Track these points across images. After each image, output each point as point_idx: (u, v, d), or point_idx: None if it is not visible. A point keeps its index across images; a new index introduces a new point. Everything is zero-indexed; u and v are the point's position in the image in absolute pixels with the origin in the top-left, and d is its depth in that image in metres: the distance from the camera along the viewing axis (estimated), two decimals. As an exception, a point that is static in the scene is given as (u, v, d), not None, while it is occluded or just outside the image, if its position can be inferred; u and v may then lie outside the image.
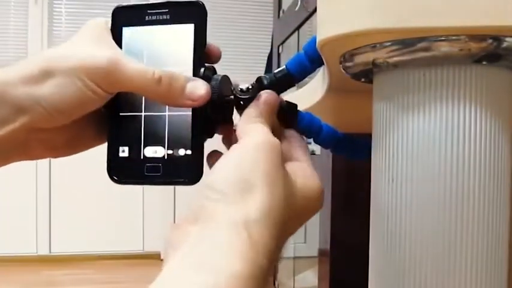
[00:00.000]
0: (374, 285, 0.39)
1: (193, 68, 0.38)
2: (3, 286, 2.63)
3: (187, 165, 0.38)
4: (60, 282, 2.81)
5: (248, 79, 0.41)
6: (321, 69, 0.48)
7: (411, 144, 0.34)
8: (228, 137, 0.40)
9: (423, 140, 0.34)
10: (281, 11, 2.26)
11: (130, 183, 0.39)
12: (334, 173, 1.34)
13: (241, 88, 0.39)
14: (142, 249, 3.26)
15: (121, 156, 0.39)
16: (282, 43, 2.22)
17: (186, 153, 0.38)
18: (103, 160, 0.39)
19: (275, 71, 0.41)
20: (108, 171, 0.39)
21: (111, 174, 0.39)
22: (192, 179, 0.38)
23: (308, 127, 0.41)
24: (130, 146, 0.39)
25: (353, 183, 1.32)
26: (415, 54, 0.33)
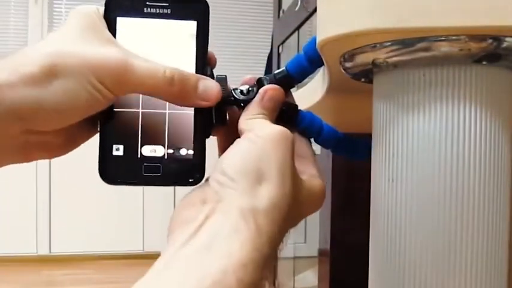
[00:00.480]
0: (374, 285, 0.39)
1: (196, 67, 0.37)
2: (3, 286, 2.63)
3: (189, 165, 0.37)
4: (60, 282, 2.81)
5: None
6: (321, 69, 0.48)
7: (411, 144, 0.34)
8: (222, 138, 0.40)
9: (423, 140, 0.34)
10: (281, 11, 2.26)
11: (125, 183, 0.37)
12: (334, 173, 1.34)
13: (241, 90, 0.39)
14: (142, 249, 3.26)
15: (115, 155, 0.37)
16: (282, 43, 2.22)
17: (188, 153, 0.37)
18: (103, 160, 0.38)
19: (275, 72, 0.41)
20: (99, 170, 0.37)
21: (102, 173, 0.37)
22: (194, 180, 0.37)
23: (309, 127, 0.41)
24: (125, 145, 0.37)
25: (353, 183, 1.32)
26: (415, 54, 0.33)
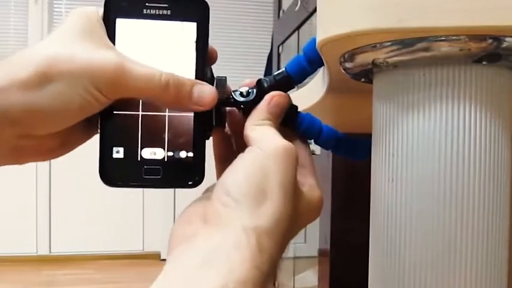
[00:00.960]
0: (374, 285, 0.39)
1: (196, 69, 0.37)
2: (3, 286, 2.63)
3: (189, 168, 0.37)
4: (60, 282, 2.81)
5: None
6: (321, 69, 0.48)
7: (411, 144, 0.34)
8: (218, 139, 0.40)
9: (423, 140, 0.34)
10: (281, 11, 2.26)
11: (125, 186, 0.37)
12: (334, 173, 1.34)
13: (240, 92, 0.39)
14: (142, 249, 3.27)
15: (115, 157, 0.37)
16: (282, 43, 2.23)
17: (188, 155, 0.37)
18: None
19: (274, 74, 0.41)
20: (99, 173, 0.37)
21: (102, 176, 0.37)
22: (194, 182, 0.37)
23: (308, 129, 0.41)
24: (125, 147, 0.37)
25: (353, 183, 1.32)
26: (415, 54, 0.33)
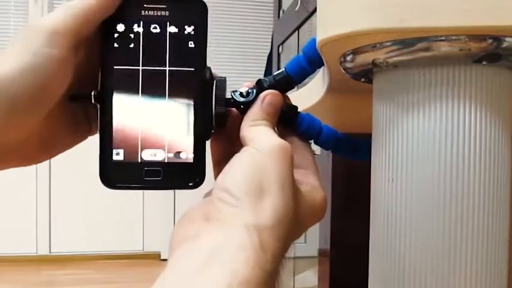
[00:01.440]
0: (374, 285, 0.39)
1: (195, 69, 0.37)
2: (3, 286, 2.63)
3: (189, 169, 0.37)
4: (60, 282, 2.81)
5: (248, 79, 0.41)
6: (321, 69, 0.48)
7: (411, 144, 0.34)
8: (218, 142, 0.40)
9: (423, 140, 0.34)
10: (281, 11, 2.26)
11: (126, 188, 0.37)
12: (334, 173, 1.34)
13: (240, 92, 0.39)
14: (142, 249, 3.27)
15: (115, 159, 0.37)
16: (282, 43, 2.23)
17: (188, 156, 0.37)
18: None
19: (274, 74, 0.41)
20: (100, 175, 0.37)
21: (103, 178, 0.37)
22: (195, 183, 0.37)
23: (308, 129, 0.41)
24: (125, 149, 0.37)
25: (353, 183, 1.32)
26: (415, 54, 0.33)
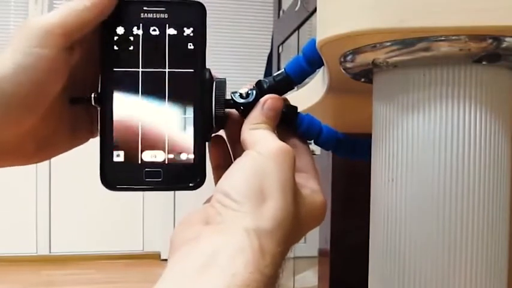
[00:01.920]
0: (374, 285, 0.39)
1: (194, 71, 0.37)
2: (3, 286, 2.63)
3: (190, 170, 0.37)
4: (60, 282, 2.81)
5: (248, 79, 0.41)
6: (321, 69, 0.48)
7: (411, 144, 0.34)
8: (217, 147, 0.40)
9: (423, 140, 0.34)
10: (281, 11, 2.26)
11: (126, 189, 0.37)
12: (334, 173, 1.34)
13: (240, 93, 0.39)
14: (142, 249, 3.27)
15: (115, 161, 0.37)
16: (282, 43, 2.23)
17: (189, 157, 0.37)
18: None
19: (274, 74, 0.41)
20: (100, 176, 0.37)
21: (103, 180, 0.37)
22: (196, 184, 0.37)
23: (308, 129, 0.41)
24: (125, 150, 0.37)
25: (353, 183, 1.32)
26: (415, 54, 0.33)
